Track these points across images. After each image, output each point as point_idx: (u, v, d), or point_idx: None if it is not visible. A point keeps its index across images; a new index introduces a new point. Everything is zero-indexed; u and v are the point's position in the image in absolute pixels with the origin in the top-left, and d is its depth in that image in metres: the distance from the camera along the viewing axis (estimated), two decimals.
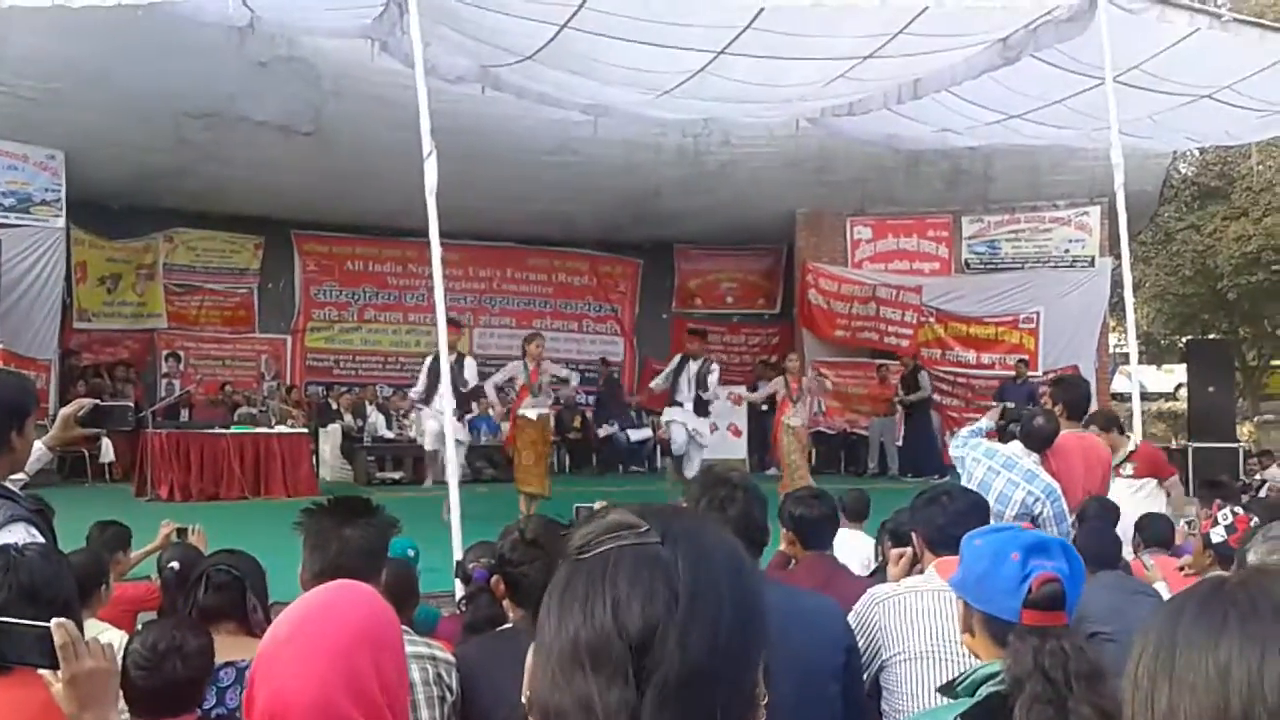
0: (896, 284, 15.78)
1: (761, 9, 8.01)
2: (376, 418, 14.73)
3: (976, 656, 2.12)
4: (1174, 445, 15.23)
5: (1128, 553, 4.91)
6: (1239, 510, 4.30)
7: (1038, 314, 15.47)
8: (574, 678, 0.87)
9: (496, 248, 17.39)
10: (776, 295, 18.32)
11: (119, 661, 2.10)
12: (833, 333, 15.94)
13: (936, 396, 15.48)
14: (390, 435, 14.51)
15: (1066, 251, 15.68)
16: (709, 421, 10.88)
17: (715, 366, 10.78)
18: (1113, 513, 4.97)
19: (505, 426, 12.58)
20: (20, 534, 2.63)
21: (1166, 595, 3.98)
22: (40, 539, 2.68)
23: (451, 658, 2.48)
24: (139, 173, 13.27)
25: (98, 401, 3.23)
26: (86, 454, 12.56)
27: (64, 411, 3.16)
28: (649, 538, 0.93)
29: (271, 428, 12.81)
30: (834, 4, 7.96)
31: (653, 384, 11.15)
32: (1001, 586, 2.02)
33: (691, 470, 10.00)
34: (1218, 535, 4.20)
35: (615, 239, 17.64)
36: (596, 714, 0.86)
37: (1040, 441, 5.25)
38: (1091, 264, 15.51)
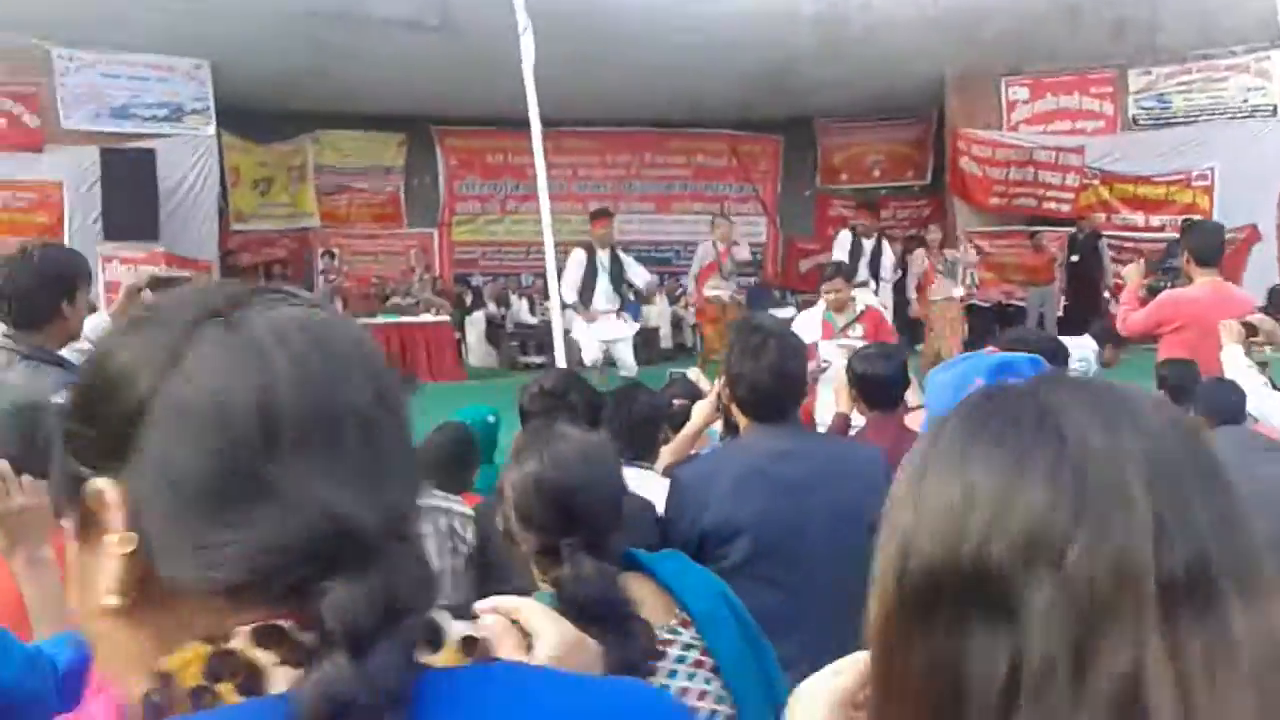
0: (1056, 145, 14.89)
1: None
2: (520, 305, 15.03)
3: None
4: None
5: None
6: None
7: (1212, 170, 14.38)
8: None
9: (632, 133, 17.15)
10: (926, 166, 17.51)
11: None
12: (988, 201, 15.19)
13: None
14: (533, 321, 14.76)
15: (1244, 101, 14.42)
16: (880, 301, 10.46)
17: (886, 244, 10.34)
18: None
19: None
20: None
21: None
22: None
23: (470, 512, 2.48)
24: (280, 77, 13.56)
25: (155, 271, 3.31)
26: None
27: (127, 283, 3.26)
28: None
29: (418, 316, 13.21)
30: None
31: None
32: None
33: None
34: None
35: (753, 116, 17.08)
36: None
37: None
38: (1273, 114, 14.27)
